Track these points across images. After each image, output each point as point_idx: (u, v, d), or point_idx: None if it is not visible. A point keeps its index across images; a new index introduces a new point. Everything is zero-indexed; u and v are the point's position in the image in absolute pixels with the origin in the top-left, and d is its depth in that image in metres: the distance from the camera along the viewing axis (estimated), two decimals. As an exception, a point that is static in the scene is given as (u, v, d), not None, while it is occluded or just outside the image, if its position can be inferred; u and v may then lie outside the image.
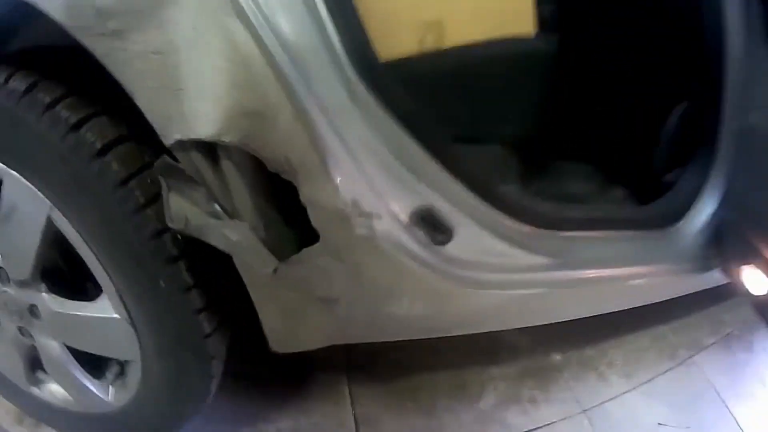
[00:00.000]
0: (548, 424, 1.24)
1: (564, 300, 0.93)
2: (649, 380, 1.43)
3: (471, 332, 0.89)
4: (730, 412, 1.37)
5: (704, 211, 0.97)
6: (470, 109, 1.00)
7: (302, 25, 0.55)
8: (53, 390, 1.00)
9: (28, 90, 0.64)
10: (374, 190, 0.60)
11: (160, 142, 0.57)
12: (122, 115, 0.65)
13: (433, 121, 0.64)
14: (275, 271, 0.61)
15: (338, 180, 0.58)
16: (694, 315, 1.69)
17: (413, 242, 0.65)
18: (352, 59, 0.57)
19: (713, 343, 1.61)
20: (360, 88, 0.57)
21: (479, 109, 1.01)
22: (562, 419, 1.25)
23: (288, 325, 0.73)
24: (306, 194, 0.59)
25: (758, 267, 0.90)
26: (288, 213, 0.61)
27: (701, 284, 1.18)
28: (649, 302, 1.17)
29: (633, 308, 1.25)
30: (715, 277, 1.03)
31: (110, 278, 0.72)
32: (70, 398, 0.98)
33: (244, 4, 0.52)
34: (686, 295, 1.27)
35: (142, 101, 0.55)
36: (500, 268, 0.74)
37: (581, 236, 0.84)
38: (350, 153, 0.57)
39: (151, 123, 0.55)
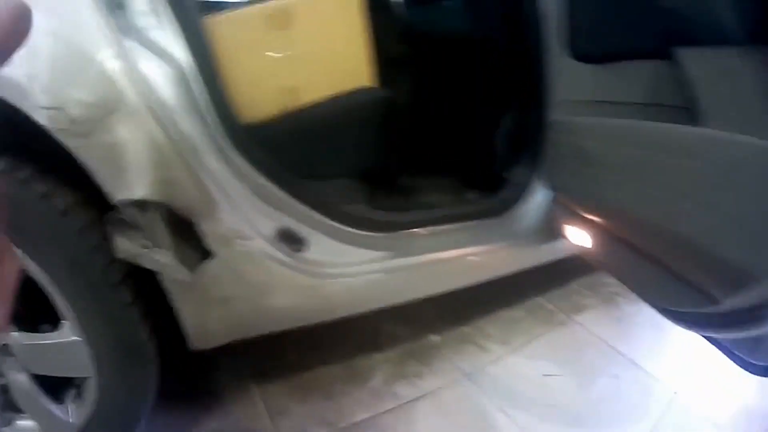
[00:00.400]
0: (435, 390, 1.48)
1: (407, 281, 1.28)
2: (528, 342, 1.64)
3: (337, 317, 1.26)
4: (620, 353, 1.56)
5: (536, 195, 1.31)
6: (323, 151, 1.36)
7: (193, 123, 0.94)
8: (21, 426, 1.18)
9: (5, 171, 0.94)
10: (246, 220, 1.01)
11: (103, 202, 0.93)
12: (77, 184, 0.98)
13: (283, 166, 1.04)
14: (188, 279, 0.99)
15: (221, 216, 0.98)
16: (572, 283, 1.95)
17: (278, 252, 1.06)
18: (225, 137, 0.98)
19: (595, 305, 1.83)
20: (230, 153, 0.98)
21: (331, 150, 1.37)
22: (448, 385, 1.49)
23: (200, 322, 1.09)
24: (203, 228, 0.98)
25: (575, 225, 1.22)
26: (192, 240, 0.99)
27: (552, 254, 1.51)
28: (501, 273, 1.48)
29: (505, 285, 1.51)
30: (566, 247, 1.32)
31: (71, 307, 1.03)
32: (37, 430, 1.17)
33: (160, 114, 0.91)
34: (563, 268, 1.54)
35: (99, 176, 0.90)
36: (346, 263, 1.15)
37: (417, 232, 1.24)
38: (227, 198, 0.98)
39: (104, 189, 0.90)
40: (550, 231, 1.34)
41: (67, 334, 1.06)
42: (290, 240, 1.06)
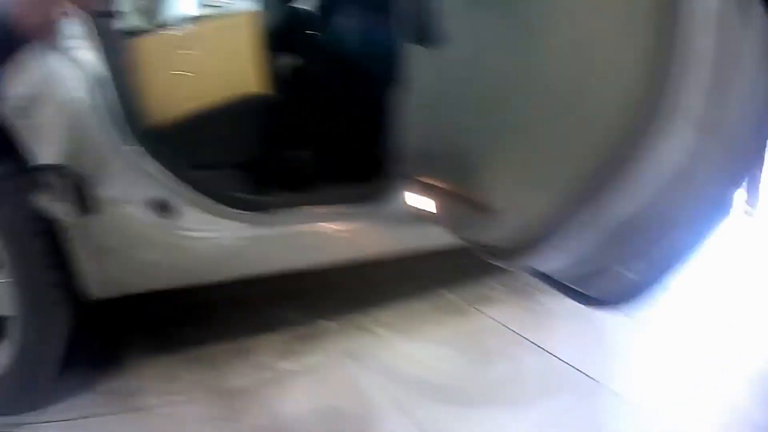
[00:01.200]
0: (317, 367, 1.62)
1: (270, 250, 1.63)
2: (425, 330, 1.72)
3: (208, 279, 1.64)
4: (527, 340, 1.61)
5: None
6: (213, 145, 1.77)
7: (97, 114, 1.41)
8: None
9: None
10: (131, 189, 1.49)
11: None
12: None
13: (170, 151, 1.52)
14: (79, 224, 1.43)
15: (112, 183, 1.47)
16: (485, 279, 2.00)
17: (152, 215, 1.53)
18: (123, 125, 1.46)
19: (506, 298, 1.90)
20: (125, 138, 1.47)
21: (220, 145, 1.78)
22: (331, 364, 1.63)
23: (92, 269, 1.49)
24: (96, 190, 1.47)
25: (413, 191, 1.52)
26: (85, 197, 1.46)
27: (428, 241, 1.73)
28: (372, 253, 1.71)
29: (406, 277, 1.68)
30: (444, 238, 1.51)
31: (7, 254, 1.47)
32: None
33: (75, 106, 1.42)
34: (474, 265, 1.59)
35: (31, 146, 1.33)
36: (214, 229, 1.58)
37: (282, 211, 1.63)
38: (120, 171, 1.45)
39: (33, 156, 1.36)
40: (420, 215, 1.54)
41: (2, 275, 1.43)
42: (161, 207, 1.54)
